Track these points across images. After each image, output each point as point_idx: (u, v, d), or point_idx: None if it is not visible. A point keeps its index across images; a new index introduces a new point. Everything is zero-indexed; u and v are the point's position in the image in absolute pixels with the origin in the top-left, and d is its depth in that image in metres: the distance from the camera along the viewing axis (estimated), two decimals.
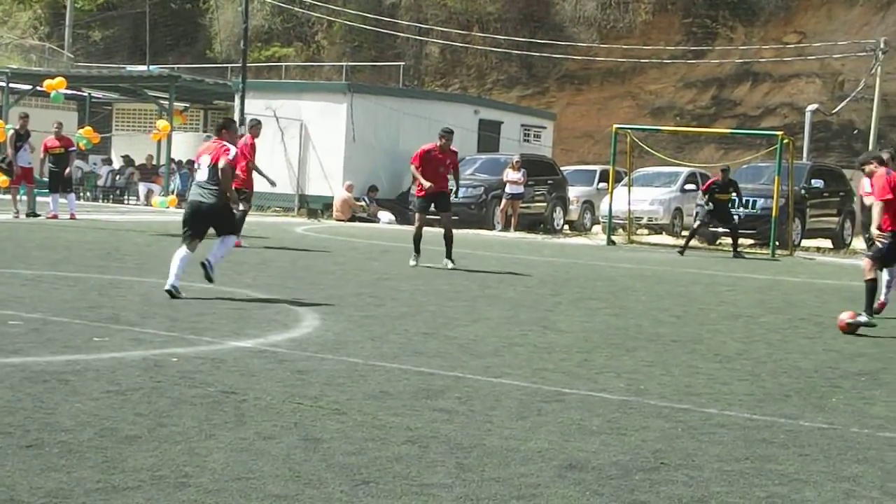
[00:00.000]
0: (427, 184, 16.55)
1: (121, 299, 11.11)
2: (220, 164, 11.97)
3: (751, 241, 27.53)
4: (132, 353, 8.08)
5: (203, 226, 12.21)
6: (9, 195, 25.25)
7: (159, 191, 35.08)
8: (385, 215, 31.93)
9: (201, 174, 12.18)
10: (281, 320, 10.31)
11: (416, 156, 17.05)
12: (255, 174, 19.07)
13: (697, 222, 24.88)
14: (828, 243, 29.69)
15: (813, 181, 28.67)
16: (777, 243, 25.15)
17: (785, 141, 25.82)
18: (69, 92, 31.80)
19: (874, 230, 12.13)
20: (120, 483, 4.93)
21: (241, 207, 17.38)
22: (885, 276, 13.13)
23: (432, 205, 16.93)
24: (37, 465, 5.14)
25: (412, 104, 34.61)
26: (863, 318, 11.55)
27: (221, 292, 12.06)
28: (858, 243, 30.17)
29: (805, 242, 28.39)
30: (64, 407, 6.31)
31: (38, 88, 33.33)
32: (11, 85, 38.31)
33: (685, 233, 28.32)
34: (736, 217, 24.73)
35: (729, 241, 24.83)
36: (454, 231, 16.97)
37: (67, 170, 24.81)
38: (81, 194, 34.96)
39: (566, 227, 32.62)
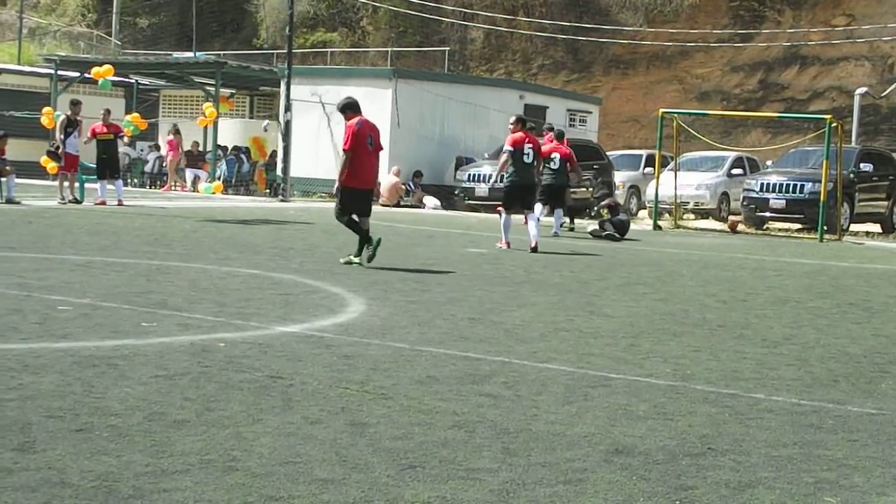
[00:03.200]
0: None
1: (168, 285, 11.18)
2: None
3: (798, 226, 27.34)
4: (180, 338, 8.13)
5: (555, 197, 21.60)
6: (56, 181, 25.44)
7: (206, 177, 35.25)
8: (431, 200, 31.90)
9: (554, 164, 21.41)
10: (327, 305, 10.34)
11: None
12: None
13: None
14: (877, 228, 29.39)
15: (862, 165, 28.34)
16: (825, 228, 24.92)
17: (833, 125, 25.54)
18: (116, 78, 31.99)
19: None
20: (169, 467, 4.96)
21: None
22: None
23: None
24: (87, 448, 5.19)
25: (457, 89, 34.56)
26: None
27: (268, 278, 12.13)
28: None
29: (854, 227, 28.09)
30: (113, 391, 6.36)
31: (86, 75, 33.53)
32: (60, 72, 38.60)
33: (732, 217, 28.19)
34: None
35: (777, 225, 24.42)
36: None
37: (116, 156, 25.13)
38: (128, 181, 35.22)
39: None
